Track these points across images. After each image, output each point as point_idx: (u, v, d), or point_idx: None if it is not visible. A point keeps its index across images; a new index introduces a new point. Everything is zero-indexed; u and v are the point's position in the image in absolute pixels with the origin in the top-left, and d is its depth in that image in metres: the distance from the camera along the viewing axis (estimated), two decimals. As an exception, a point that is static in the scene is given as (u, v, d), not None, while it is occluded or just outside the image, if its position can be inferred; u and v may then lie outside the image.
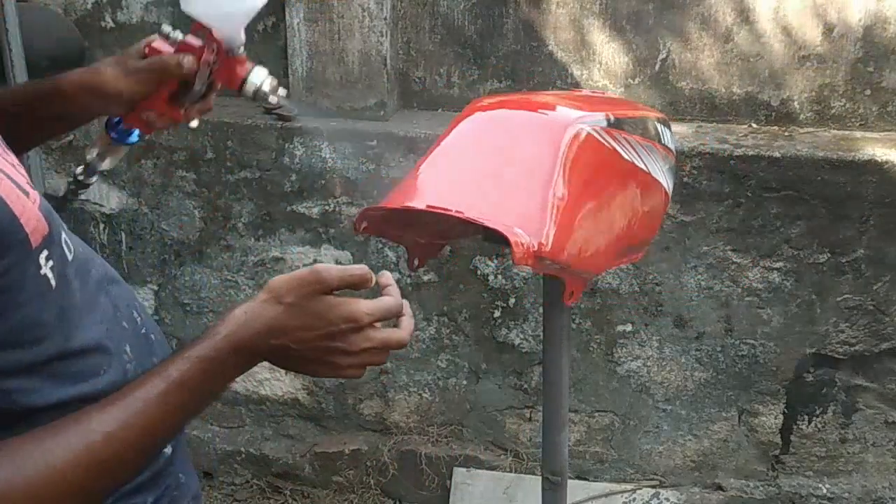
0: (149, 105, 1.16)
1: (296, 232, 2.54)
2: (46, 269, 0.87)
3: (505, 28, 2.52)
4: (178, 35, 1.17)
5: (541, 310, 1.89)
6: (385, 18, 2.43)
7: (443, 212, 1.04)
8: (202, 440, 2.76)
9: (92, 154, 1.23)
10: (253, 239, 2.58)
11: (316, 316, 0.86)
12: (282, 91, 1.23)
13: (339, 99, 2.51)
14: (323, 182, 2.48)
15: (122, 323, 1.00)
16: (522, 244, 1.02)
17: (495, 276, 2.50)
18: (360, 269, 0.90)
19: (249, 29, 1.18)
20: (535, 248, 1.03)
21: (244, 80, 1.19)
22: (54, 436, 0.77)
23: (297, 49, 2.47)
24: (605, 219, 1.19)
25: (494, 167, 1.13)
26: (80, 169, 1.24)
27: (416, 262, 1.22)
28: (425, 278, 2.51)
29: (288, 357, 0.87)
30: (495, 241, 1.06)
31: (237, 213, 2.56)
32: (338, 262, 2.53)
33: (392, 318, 0.91)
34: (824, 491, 2.53)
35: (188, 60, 1.15)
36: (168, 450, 1.02)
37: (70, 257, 0.93)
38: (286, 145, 2.47)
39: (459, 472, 2.63)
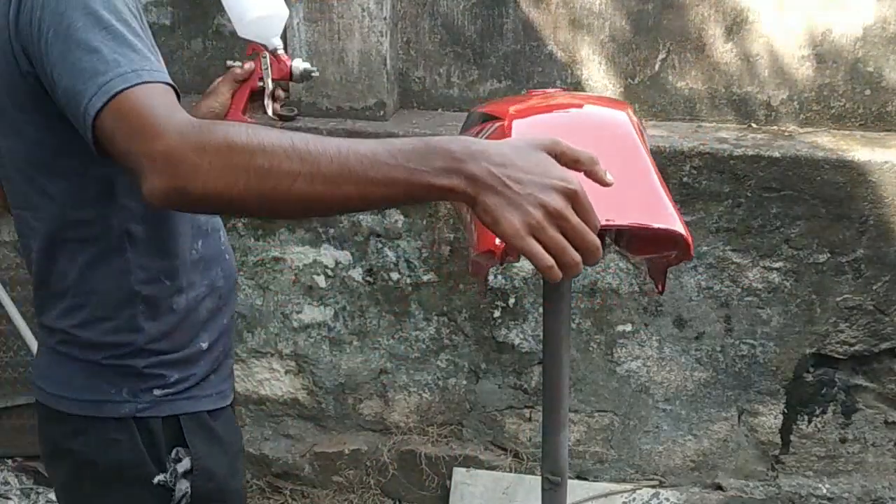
0: (233, 117, 1.55)
1: (296, 232, 2.54)
2: None
3: (505, 28, 2.52)
4: (238, 64, 1.61)
5: (541, 310, 1.89)
6: (385, 18, 2.43)
7: (609, 225, 0.94)
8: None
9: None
10: (253, 239, 2.58)
11: (538, 162, 0.83)
12: (314, 68, 1.67)
13: (338, 99, 2.50)
14: (323, 182, 2.47)
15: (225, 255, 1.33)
16: (690, 239, 0.98)
17: (495, 276, 2.49)
18: (586, 154, 0.87)
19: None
20: (686, 241, 0.99)
21: (291, 69, 1.61)
22: (239, 128, 0.89)
23: (297, 49, 2.47)
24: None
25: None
26: None
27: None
28: (425, 278, 2.52)
29: (495, 190, 0.82)
30: (628, 248, 1.04)
31: (237, 213, 2.56)
32: (337, 263, 2.53)
33: (595, 228, 0.84)
34: (824, 491, 2.53)
35: (249, 64, 1.59)
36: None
37: None
38: (286, 145, 2.47)
39: (459, 472, 2.63)
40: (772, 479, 2.56)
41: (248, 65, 1.58)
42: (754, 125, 2.50)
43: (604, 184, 0.87)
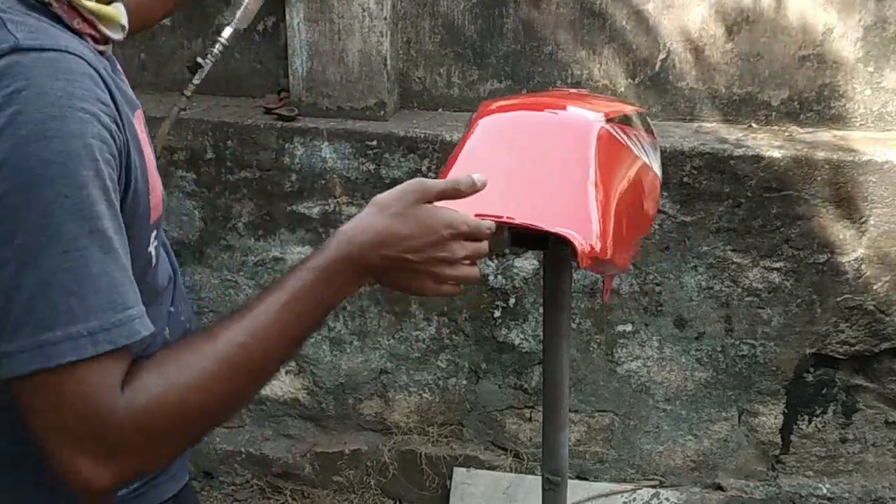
0: None
1: (296, 232, 2.54)
2: (152, 248, 0.93)
3: (505, 28, 2.52)
4: None
5: (541, 310, 1.89)
6: (385, 18, 2.43)
7: (493, 219, 0.99)
8: (202, 440, 2.76)
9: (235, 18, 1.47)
10: (253, 239, 2.58)
11: (421, 223, 0.90)
12: None
13: (339, 99, 2.51)
14: (323, 182, 2.48)
15: (170, 310, 1.05)
16: (585, 248, 1.00)
17: (495, 276, 2.50)
18: (456, 181, 0.95)
19: (250, 28, 1.30)
20: (596, 251, 1.02)
21: None
22: (192, 353, 0.82)
23: (297, 49, 2.47)
24: (625, 213, 1.20)
25: (527, 170, 1.11)
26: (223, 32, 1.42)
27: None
28: (425, 278, 2.51)
29: (397, 269, 0.91)
30: (524, 244, 1.06)
31: (237, 213, 2.56)
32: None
33: (485, 238, 0.95)
34: (824, 491, 2.53)
35: None
36: None
37: (162, 241, 1.01)
38: (286, 145, 2.47)
39: (459, 472, 2.63)
40: (772, 479, 2.56)
41: None
42: (754, 125, 2.50)
43: (478, 190, 0.96)
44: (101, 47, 0.92)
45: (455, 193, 0.95)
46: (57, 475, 0.78)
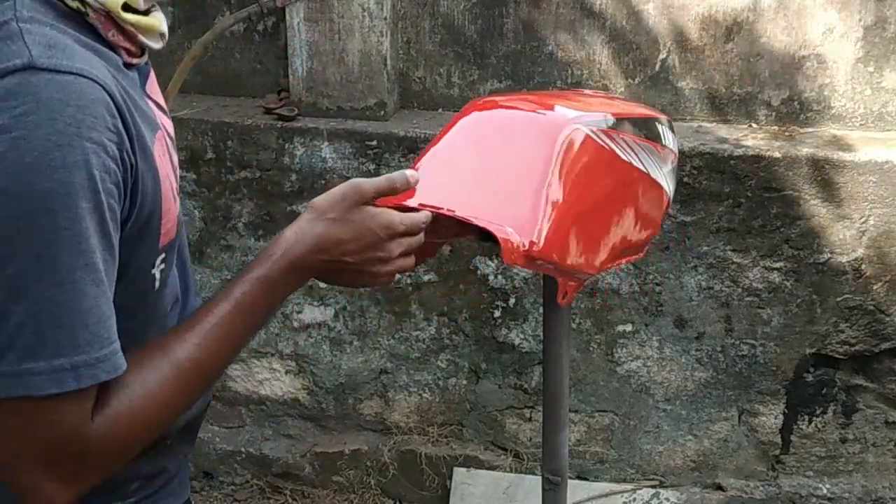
0: None
1: (296, 232, 2.54)
2: (157, 270, 0.92)
3: (505, 28, 2.52)
4: None
5: (541, 310, 1.89)
6: (385, 18, 2.43)
7: (433, 210, 1.03)
8: (202, 440, 2.76)
9: None
10: (253, 239, 2.58)
11: (358, 226, 0.94)
12: None
13: (339, 99, 2.51)
14: (323, 182, 2.48)
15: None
16: (512, 243, 1.02)
17: (495, 276, 2.50)
18: (390, 178, 0.98)
19: (250, 28, 1.26)
20: (526, 248, 1.04)
21: None
22: (152, 369, 0.84)
23: (297, 49, 2.47)
24: (602, 219, 1.19)
25: (490, 167, 1.14)
26: None
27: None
28: (425, 278, 2.52)
29: (336, 270, 0.96)
30: (491, 240, 1.06)
31: (237, 213, 2.56)
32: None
33: (420, 231, 0.99)
34: (824, 491, 2.53)
35: None
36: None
37: (172, 271, 0.99)
38: (286, 145, 2.47)
39: (459, 472, 2.63)
40: (772, 479, 2.56)
41: None
42: (754, 125, 2.50)
43: (412, 186, 1.01)
44: (136, 60, 0.90)
45: (391, 191, 0.98)
46: (15, 492, 0.80)
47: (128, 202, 0.83)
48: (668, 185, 1.34)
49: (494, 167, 1.13)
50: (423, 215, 1.00)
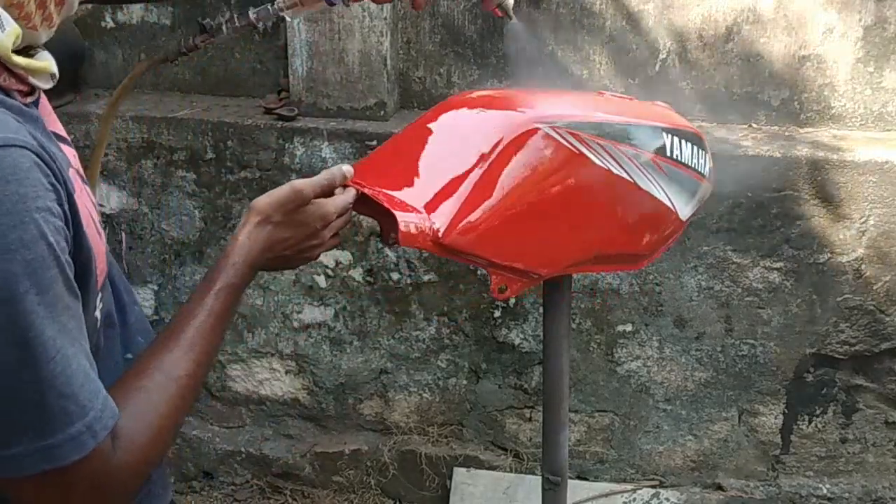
0: None
1: (296, 232, 2.54)
2: (98, 311, 0.95)
3: (505, 28, 2.52)
4: None
5: (541, 310, 1.89)
6: (385, 18, 2.43)
7: (358, 187, 1.12)
8: (202, 440, 2.76)
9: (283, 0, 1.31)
10: (253, 239, 2.57)
11: (299, 224, 1.06)
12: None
13: (339, 99, 2.51)
14: (323, 182, 2.47)
15: (126, 357, 1.07)
16: (411, 226, 1.07)
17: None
18: (327, 177, 1.09)
19: (251, 29, 1.28)
20: (429, 233, 1.07)
21: None
22: (157, 391, 0.91)
23: (297, 49, 2.47)
24: (558, 220, 1.16)
25: (437, 157, 1.18)
26: (261, 11, 1.31)
27: (391, 239, 1.20)
28: (425, 278, 2.52)
29: (279, 261, 1.08)
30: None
31: (237, 213, 2.56)
32: (338, 263, 2.53)
33: (347, 211, 1.11)
34: (824, 491, 2.53)
35: None
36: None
37: (110, 301, 1.03)
38: (286, 145, 2.47)
39: (459, 472, 2.63)
40: (772, 479, 2.56)
41: None
42: (754, 125, 2.50)
43: (348, 179, 1.12)
44: (29, 99, 0.90)
45: (330, 185, 1.09)
46: None
47: (74, 251, 0.84)
48: (671, 198, 1.25)
49: (441, 158, 1.17)
50: (350, 195, 1.10)
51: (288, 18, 1.31)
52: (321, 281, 2.56)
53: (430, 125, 1.24)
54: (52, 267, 0.78)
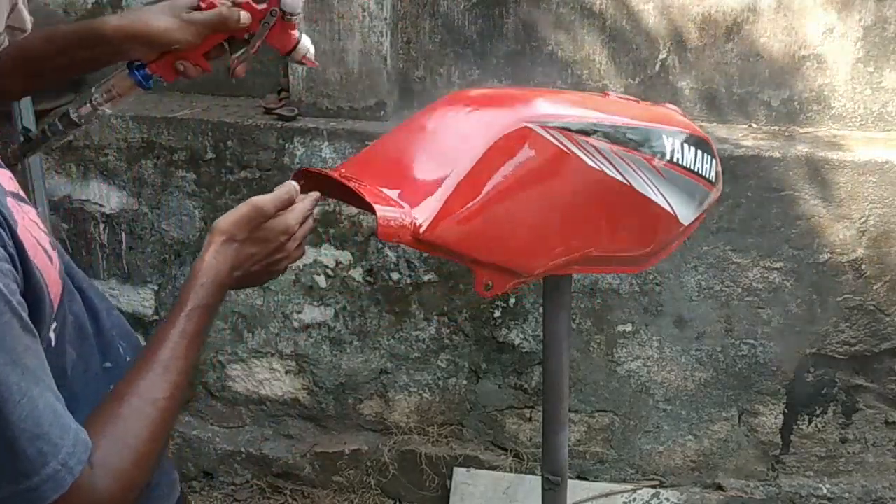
0: (186, 56, 1.20)
1: (296, 232, 2.54)
2: (51, 332, 0.95)
3: (505, 28, 2.52)
4: None
5: (541, 310, 1.89)
6: (385, 18, 2.43)
7: (343, 180, 1.12)
8: (202, 440, 2.76)
9: (99, 95, 1.23)
10: (253, 239, 2.57)
11: (262, 240, 1.07)
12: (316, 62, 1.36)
13: (339, 99, 2.50)
14: (323, 182, 2.47)
15: (105, 366, 1.08)
16: (390, 219, 1.07)
17: (495, 276, 2.49)
18: (286, 191, 1.10)
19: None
20: (410, 227, 1.07)
21: (296, 46, 1.26)
22: (136, 418, 0.91)
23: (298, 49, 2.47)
24: (544, 220, 1.16)
25: (427, 153, 1.18)
26: (81, 108, 1.24)
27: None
28: (425, 278, 2.52)
29: (248, 279, 1.09)
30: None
31: (237, 213, 2.56)
32: (338, 263, 2.53)
33: (307, 218, 1.13)
34: (824, 491, 2.53)
35: (247, 17, 1.20)
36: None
37: (80, 312, 1.04)
38: (286, 145, 2.47)
39: (459, 472, 2.63)
40: (772, 479, 2.56)
41: (245, 16, 1.19)
42: (754, 125, 2.50)
43: (299, 193, 1.12)
44: None
45: (290, 199, 1.10)
46: None
47: (23, 288, 0.85)
48: (672, 203, 1.25)
49: (430, 154, 1.17)
50: (309, 202, 1.12)
51: (108, 111, 1.26)
52: (321, 281, 2.56)
53: (425, 121, 1.24)
54: (4, 312, 0.79)
